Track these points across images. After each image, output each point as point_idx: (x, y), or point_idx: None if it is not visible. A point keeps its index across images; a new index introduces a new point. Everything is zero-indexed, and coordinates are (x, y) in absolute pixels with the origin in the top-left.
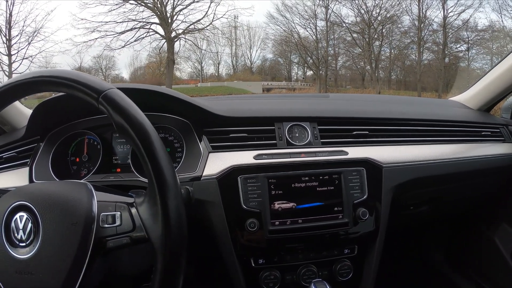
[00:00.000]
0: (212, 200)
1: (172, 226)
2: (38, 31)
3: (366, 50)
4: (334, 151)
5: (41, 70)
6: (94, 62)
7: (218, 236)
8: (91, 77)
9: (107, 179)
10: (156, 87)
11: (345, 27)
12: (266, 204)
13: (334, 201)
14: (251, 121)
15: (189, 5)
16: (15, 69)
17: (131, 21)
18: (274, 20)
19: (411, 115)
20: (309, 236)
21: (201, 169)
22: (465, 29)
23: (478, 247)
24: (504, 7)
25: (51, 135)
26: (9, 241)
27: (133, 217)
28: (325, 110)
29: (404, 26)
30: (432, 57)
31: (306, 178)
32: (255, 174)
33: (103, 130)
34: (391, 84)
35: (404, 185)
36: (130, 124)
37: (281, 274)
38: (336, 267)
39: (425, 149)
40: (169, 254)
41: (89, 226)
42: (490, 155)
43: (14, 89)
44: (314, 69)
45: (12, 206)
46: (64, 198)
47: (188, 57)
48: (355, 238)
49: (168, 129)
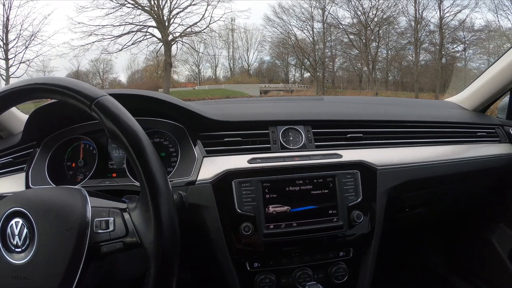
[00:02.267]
0: (206, 204)
1: (164, 231)
2: (35, 35)
3: (363, 52)
4: (328, 154)
5: (35, 77)
6: (92, 66)
7: (213, 240)
8: (84, 84)
9: (102, 184)
10: (150, 92)
11: (342, 28)
12: (261, 207)
13: (329, 204)
14: (245, 125)
15: (186, 8)
16: (12, 73)
17: (128, 25)
18: (271, 22)
19: (405, 117)
20: (304, 239)
21: (196, 174)
22: (461, 30)
23: (475, 248)
24: (500, 7)
25: (47, 141)
26: (5, 247)
27: (126, 223)
28: (319, 113)
29: (401, 27)
30: (429, 57)
31: (301, 182)
32: (249, 178)
33: (99, 135)
34: (389, 85)
35: (399, 187)
36: (121, 130)
37: (277, 277)
38: (332, 270)
39: (420, 150)
40: (161, 259)
41: (83, 231)
42: (485, 156)
43: (8, 96)
44: (312, 71)
45: (8, 212)
46: (58, 204)
47: (186, 60)
48: (350, 241)
49: (162, 134)
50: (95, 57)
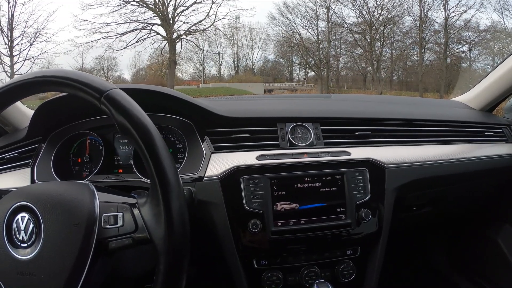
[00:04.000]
0: (214, 201)
1: (175, 227)
2: (40, 32)
3: (367, 51)
4: (337, 151)
5: (44, 70)
6: (96, 63)
7: (220, 237)
8: (93, 77)
9: (109, 180)
10: (159, 87)
11: (347, 27)
12: (269, 205)
13: (337, 202)
14: (254, 122)
15: (190, 6)
16: (17, 70)
17: (133, 22)
18: (275, 21)
19: (413, 115)
20: (312, 237)
21: (204, 170)
22: (466, 30)
23: (480, 248)
24: (505, 7)
25: (53, 136)
26: (11, 242)
27: (136, 218)
28: (327, 111)
29: (406, 26)
30: (433, 57)
31: (309, 179)
32: (258, 174)
33: (105, 130)
34: (393, 84)
35: (407, 185)
36: (132, 124)
37: (284, 275)
38: (339, 268)
39: (427, 149)
40: (172, 255)
41: (91, 226)
42: (493, 156)
43: (16, 89)
44: (316, 70)
45: (14, 207)
46: (66, 198)
47: (190, 58)
48: (358, 239)
49: (170, 130)
50: (100, 54)
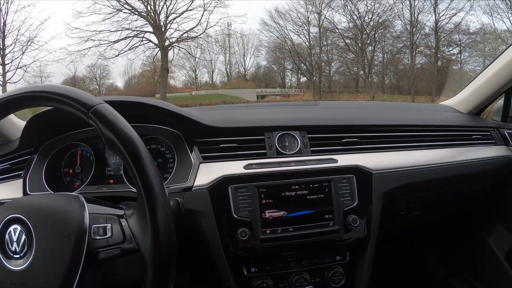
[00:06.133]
0: (203, 210)
1: (161, 237)
2: (32, 40)
3: (359, 56)
4: (324, 159)
5: (33, 85)
6: (88, 71)
7: (210, 245)
8: (81, 92)
9: (100, 191)
10: (146, 99)
11: (338, 33)
12: (257, 213)
13: (325, 208)
14: (241, 131)
15: (182, 14)
16: (9, 78)
17: (125, 30)
18: (267, 27)
19: (400, 121)
20: (300, 244)
21: (192, 180)
22: (457, 32)
23: (473, 250)
24: (494, 9)
25: (44, 147)
26: (4, 253)
27: (123, 229)
28: (314, 119)
29: (397, 30)
30: (425, 61)
31: (296, 187)
32: (246, 183)
33: (96, 141)
34: (385, 88)
35: (394, 191)
36: (118, 138)
37: (274, 282)
38: (328, 274)
39: (415, 154)
40: (158, 265)
41: (81, 238)
42: (481, 158)
43: (6, 104)
44: (308, 75)
45: (6, 219)
46: (56, 210)
47: (182, 65)
48: (347, 245)
49: (159, 140)
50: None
